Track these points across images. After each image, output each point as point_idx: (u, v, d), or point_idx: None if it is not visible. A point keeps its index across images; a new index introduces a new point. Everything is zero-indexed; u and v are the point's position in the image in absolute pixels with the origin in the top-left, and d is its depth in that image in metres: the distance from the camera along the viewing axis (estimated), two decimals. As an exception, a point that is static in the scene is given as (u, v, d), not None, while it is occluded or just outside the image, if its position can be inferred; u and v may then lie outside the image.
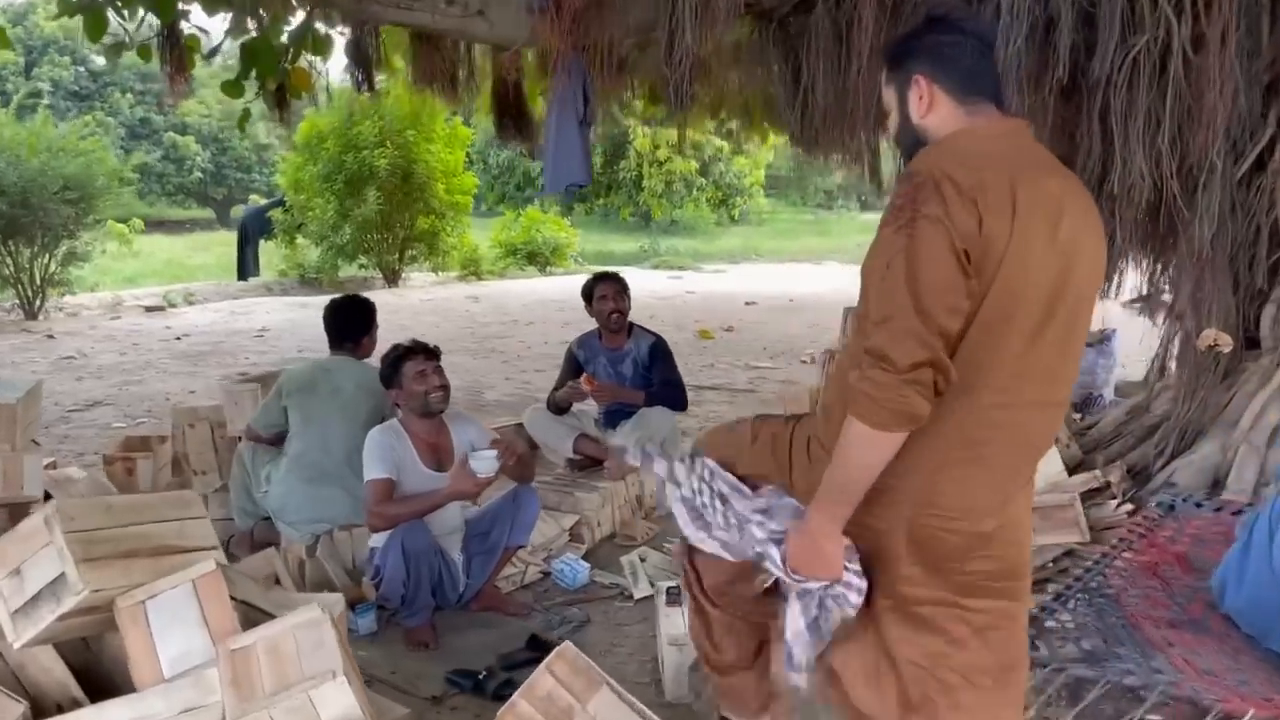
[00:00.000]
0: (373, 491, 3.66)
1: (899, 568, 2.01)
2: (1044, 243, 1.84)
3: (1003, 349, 1.86)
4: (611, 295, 4.96)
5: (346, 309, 4.50)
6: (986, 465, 1.96)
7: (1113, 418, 5.63)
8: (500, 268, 20.38)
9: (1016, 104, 3.89)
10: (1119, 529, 4.38)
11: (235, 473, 4.46)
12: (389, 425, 3.85)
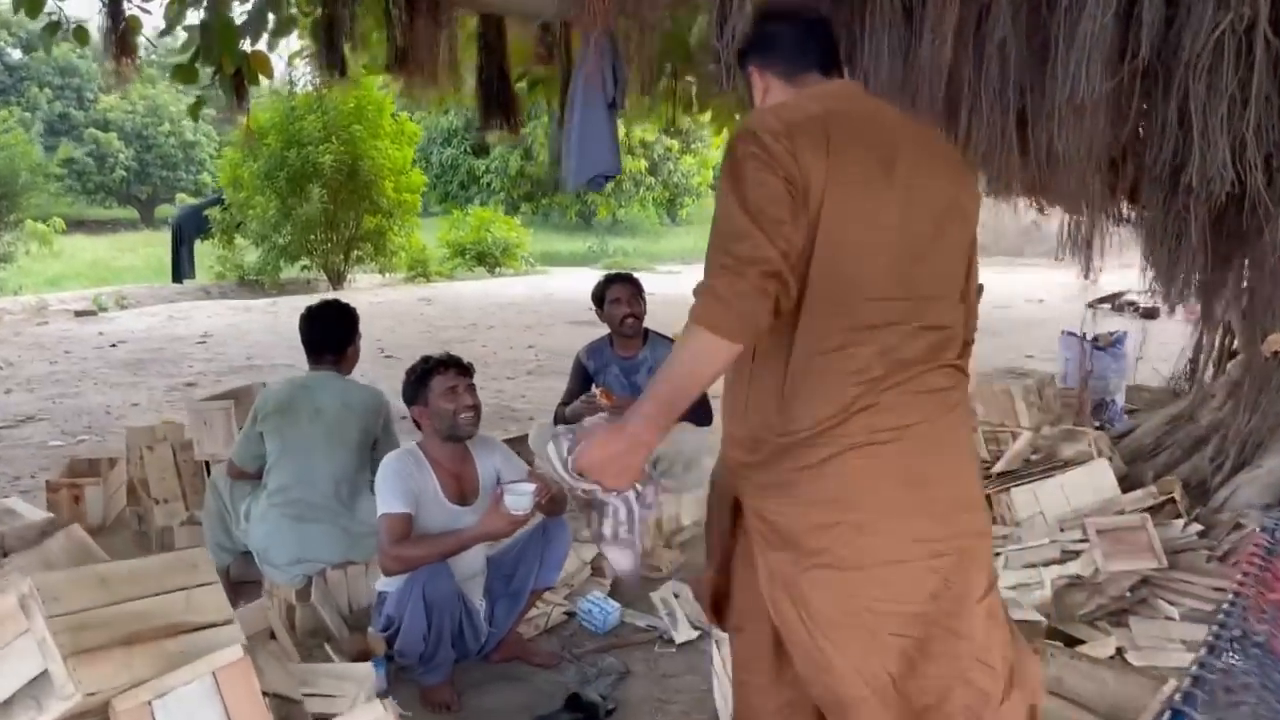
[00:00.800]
0: (388, 529, 3.13)
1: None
2: (868, 179, 1.90)
3: (840, 286, 1.88)
4: (625, 298, 4.49)
5: (326, 317, 3.95)
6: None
7: (1150, 427, 5.32)
8: (448, 269, 19.73)
9: (1090, 88, 3.49)
10: (1191, 551, 4.04)
11: (210, 504, 3.89)
12: (407, 451, 3.33)
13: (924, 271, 1.97)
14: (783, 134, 1.86)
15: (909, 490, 1.90)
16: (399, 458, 3.28)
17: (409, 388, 3.31)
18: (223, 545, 3.89)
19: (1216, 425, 4.89)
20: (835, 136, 1.88)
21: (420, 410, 3.29)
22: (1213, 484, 4.54)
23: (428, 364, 3.32)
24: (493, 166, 27.56)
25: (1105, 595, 3.83)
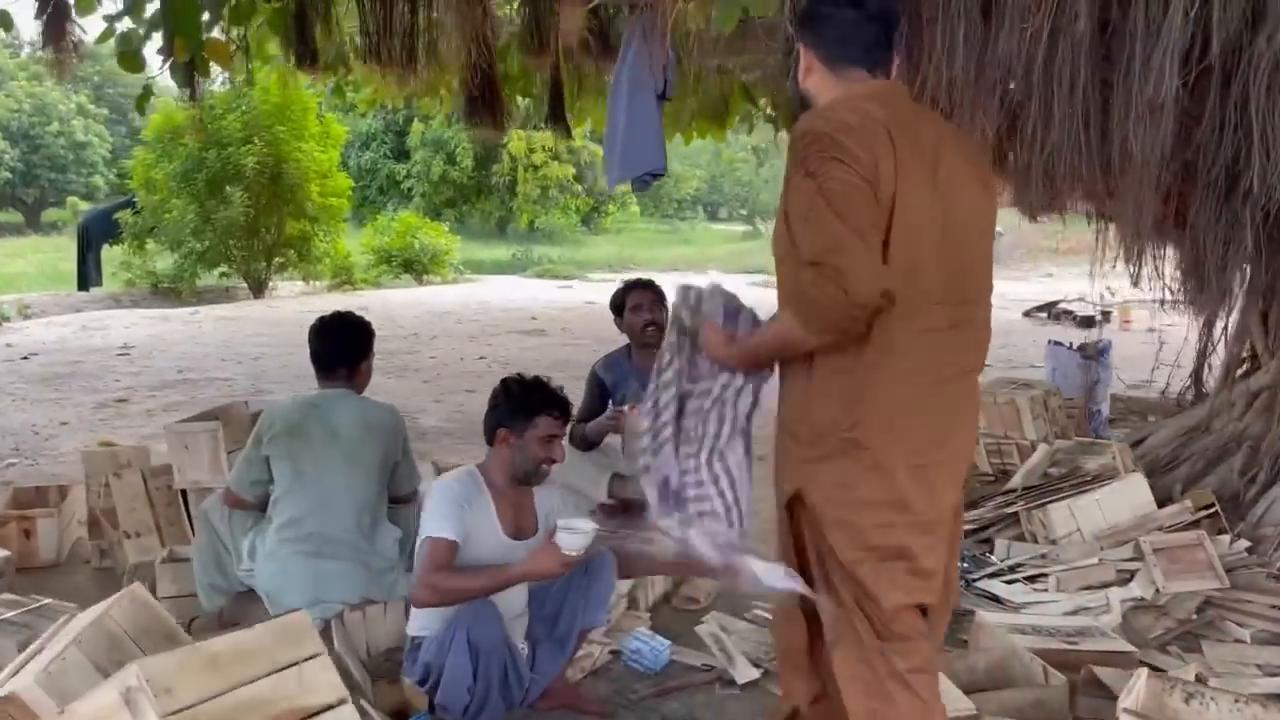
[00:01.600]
0: (430, 554, 2.76)
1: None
2: (923, 185, 1.99)
3: (908, 290, 1.97)
4: (648, 305, 4.17)
5: (339, 329, 3.57)
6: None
7: (1163, 438, 5.21)
8: (373, 276, 19.07)
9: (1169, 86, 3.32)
10: (1245, 568, 3.91)
11: (201, 539, 3.46)
12: (468, 473, 2.95)
13: (968, 277, 2.10)
14: (858, 137, 1.95)
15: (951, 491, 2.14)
16: (460, 480, 2.91)
17: (508, 408, 2.93)
18: (216, 585, 3.47)
19: (1238, 436, 4.80)
20: (899, 141, 1.98)
21: (508, 436, 2.92)
22: (1246, 497, 4.42)
23: (540, 396, 2.95)
24: (414, 171, 26.88)
25: (1172, 618, 3.67)
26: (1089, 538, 4.25)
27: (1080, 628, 3.24)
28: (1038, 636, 3.13)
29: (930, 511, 2.07)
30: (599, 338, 11.87)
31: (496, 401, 2.96)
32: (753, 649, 3.46)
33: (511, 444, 2.94)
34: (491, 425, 2.95)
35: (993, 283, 2.21)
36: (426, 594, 2.75)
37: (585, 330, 12.42)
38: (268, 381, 8.82)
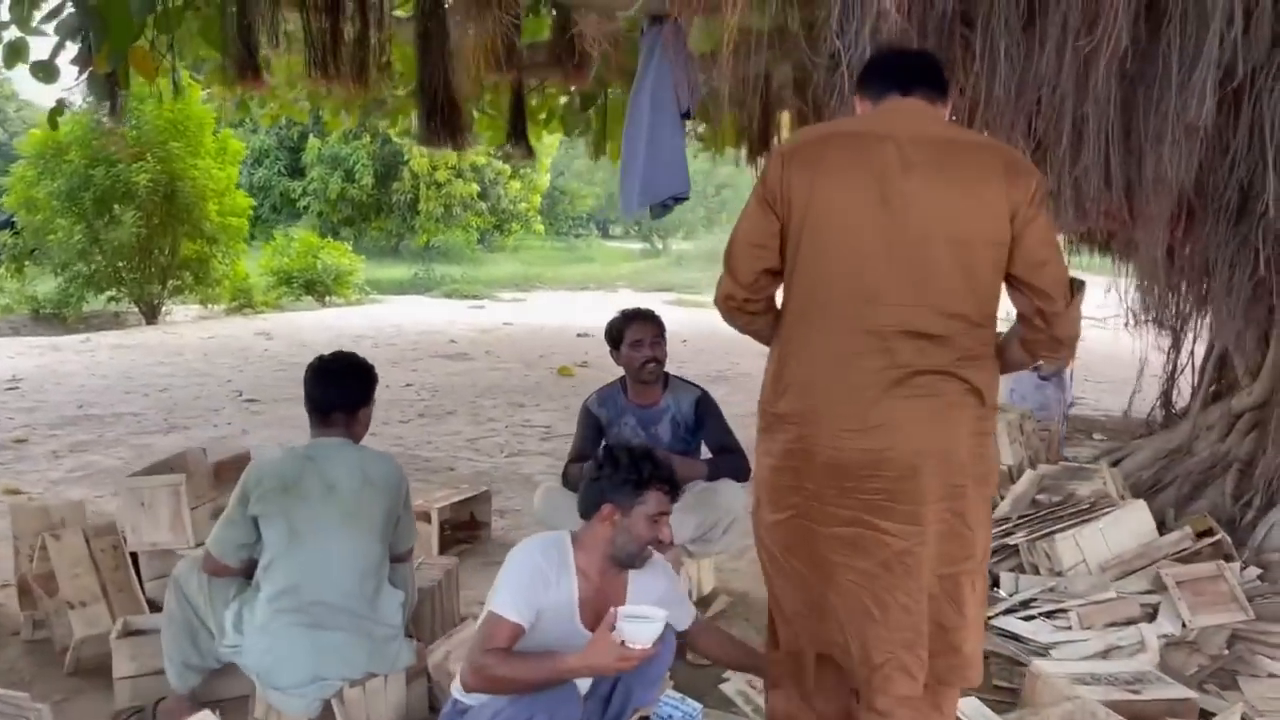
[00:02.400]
0: (491, 632, 2.43)
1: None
2: (858, 191, 2.20)
3: (824, 276, 2.25)
4: (649, 340, 3.89)
5: (340, 371, 3.17)
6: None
7: (1142, 459, 5.20)
8: (273, 298, 18.27)
9: (1205, 109, 3.23)
10: (1263, 598, 3.85)
11: (173, 611, 3.04)
12: (553, 543, 2.62)
13: (929, 284, 2.19)
14: (781, 153, 2.31)
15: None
16: (547, 553, 2.58)
17: (616, 480, 2.60)
18: (189, 663, 3.06)
19: (1223, 458, 4.79)
20: (833, 154, 2.25)
21: (614, 513, 2.61)
22: (1242, 521, 4.39)
23: (653, 468, 2.63)
24: (310, 189, 25.98)
25: (1204, 654, 3.57)
26: (1095, 568, 4.15)
27: (1137, 673, 3.10)
28: (1098, 686, 2.96)
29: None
30: (525, 361, 11.57)
31: (602, 472, 2.64)
32: (788, 708, 3.21)
33: (616, 522, 2.62)
34: (594, 499, 2.63)
35: (979, 290, 2.23)
36: (476, 679, 2.43)
37: (510, 353, 12.07)
38: (182, 416, 8.22)
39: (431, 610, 3.62)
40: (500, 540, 5.04)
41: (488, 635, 2.43)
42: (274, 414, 8.30)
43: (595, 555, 2.63)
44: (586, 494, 2.66)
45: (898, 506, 2.22)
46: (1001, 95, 3.13)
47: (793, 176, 2.22)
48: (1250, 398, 4.71)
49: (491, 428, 7.79)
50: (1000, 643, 3.73)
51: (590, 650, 2.39)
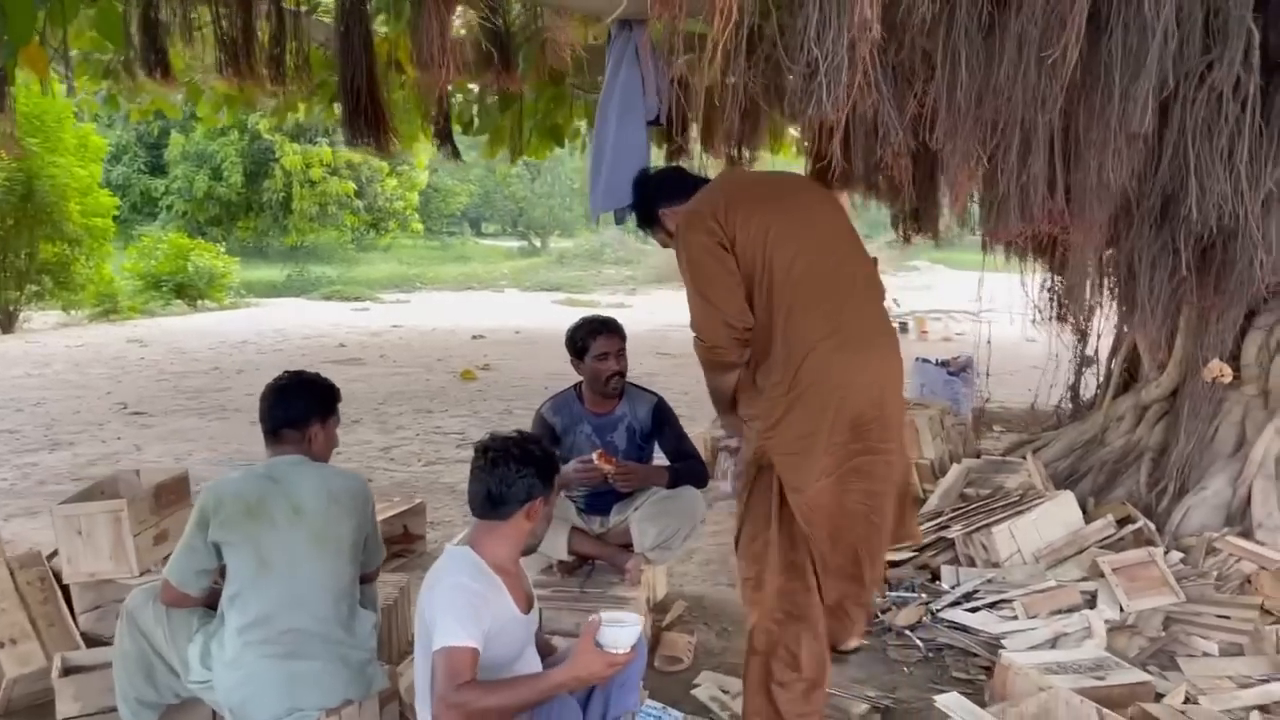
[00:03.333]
0: (450, 668, 2.32)
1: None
2: (752, 225, 2.72)
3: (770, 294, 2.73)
4: (614, 355, 3.83)
5: (286, 388, 3.02)
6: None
7: (1058, 450, 5.42)
8: (141, 303, 17.37)
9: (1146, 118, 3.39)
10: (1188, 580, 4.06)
11: (126, 646, 2.85)
12: (468, 561, 2.51)
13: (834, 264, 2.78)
14: (699, 207, 2.82)
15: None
16: (472, 574, 2.47)
17: (540, 476, 2.55)
18: (144, 700, 2.88)
19: (1135, 448, 5.04)
20: (733, 193, 2.83)
21: (541, 505, 2.55)
22: (1158, 509, 4.62)
23: (538, 447, 2.59)
24: (174, 187, 24.81)
25: (1144, 636, 3.75)
26: (1029, 558, 4.31)
27: (1097, 660, 3.23)
28: (1066, 675, 3.07)
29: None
30: (423, 365, 11.33)
31: (524, 471, 2.54)
32: (766, 711, 3.23)
33: (539, 511, 2.59)
34: (522, 495, 2.55)
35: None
36: (450, 716, 2.30)
37: (406, 358, 11.79)
38: (63, 431, 7.74)
39: (390, 629, 3.51)
40: (436, 552, 4.90)
41: (452, 672, 2.31)
42: (165, 427, 7.90)
43: (511, 549, 2.58)
44: (511, 496, 2.52)
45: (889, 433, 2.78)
46: (962, 103, 3.21)
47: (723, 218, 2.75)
48: (1159, 389, 4.97)
49: (402, 436, 7.59)
50: (952, 635, 3.85)
51: (577, 662, 2.37)
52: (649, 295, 21.87)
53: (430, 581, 2.53)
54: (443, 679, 2.32)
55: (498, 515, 2.56)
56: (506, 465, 2.53)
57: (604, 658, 2.35)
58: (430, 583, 2.52)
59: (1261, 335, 4.56)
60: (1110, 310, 5.49)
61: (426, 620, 2.42)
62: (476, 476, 2.57)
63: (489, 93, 6.55)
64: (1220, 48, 3.55)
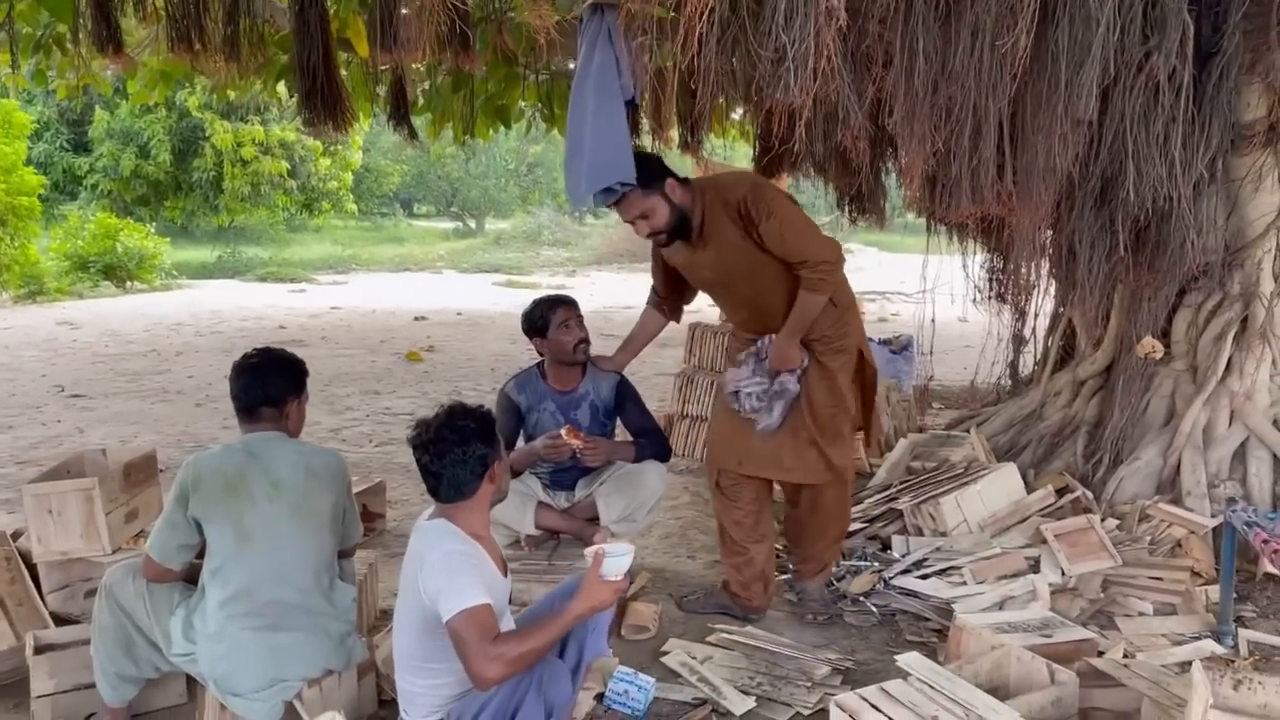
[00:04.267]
0: (480, 627, 2.39)
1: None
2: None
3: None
4: (575, 322, 3.92)
5: (260, 366, 3.03)
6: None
7: (998, 424, 5.62)
8: (68, 285, 16.90)
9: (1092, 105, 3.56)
10: (1123, 545, 4.27)
11: (106, 622, 2.87)
12: (449, 531, 2.59)
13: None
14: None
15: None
16: (458, 540, 2.56)
17: (488, 442, 2.62)
18: (124, 675, 2.91)
19: (1071, 421, 5.26)
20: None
21: (498, 469, 2.66)
22: (1094, 479, 4.84)
23: (477, 414, 2.67)
24: (98, 165, 24.08)
25: (1084, 598, 3.95)
26: (975, 527, 4.50)
27: (1044, 619, 3.40)
28: (1016, 634, 3.24)
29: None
30: (367, 347, 11.26)
31: (468, 449, 2.58)
32: (732, 675, 3.36)
33: (499, 473, 2.69)
34: (479, 469, 2.61)
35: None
36: (498, 668, 2.37)
37: (348, 340, 11.69)
38: (1, 415, 7.57)
39: (362, 604, 3.55)
40: (396, 531, 4.95)
41: (483, 629, 2.39)
42: (107, 409, 7.77)
43: (482, 515, 2.67)
44: (468, 469, 2.58)
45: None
46: (919, 89, 3.34)
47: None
48: (1094, 365, 5.19)
49: (352, 417, 7.57)
50: (905, 601, 4.02)
51: (587, 592, 2.51)
52: (589, 277, 21.91)
53: (417, 556, 2.58)
54: (476, 637, 2.39)
55: (465, 496, 2.63)
56: (452, 451, 2.58)
57: (610, 585, 2.53)
58: (418, 557, 2.58)
59: (1190, 313, 4.78)
60: (1048, 290, 5.72)
61: (424, 592, 2.48)
62: (428, 470, 2.61)
63: (438, 72, 6.55)
64: (1158, 37, 3.73)
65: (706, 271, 3.70)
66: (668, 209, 3.48)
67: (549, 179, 36.56)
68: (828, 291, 3.51)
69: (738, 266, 3.56)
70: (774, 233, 3.41)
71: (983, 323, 6.42)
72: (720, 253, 3.57)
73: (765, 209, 3.39)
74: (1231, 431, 4.63)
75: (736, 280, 3.66)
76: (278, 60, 5.73)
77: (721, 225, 3.51)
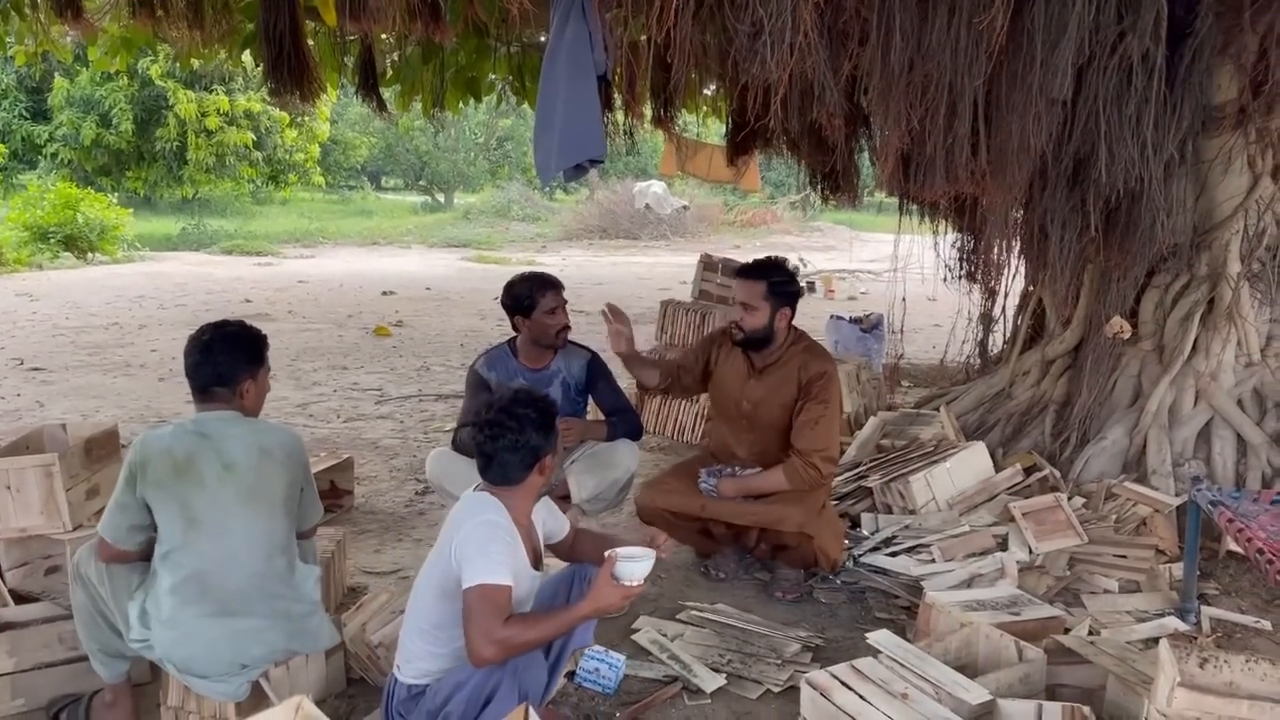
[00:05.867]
0: (493, 604, 2.40)
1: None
2: None
3: None
4: (563, 309, 3.88)
5: (211, 343, 2.91)
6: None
7: (968, 403, 5.66)
8: (27, 256, 16.56)
9: (1066, 85, 3.56)
10: (1089, 524, 4.32)
11: (79, 600, 2.81)
12: (495, 507, 2.58)
13: None
14: None
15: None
16: (501, 515, 2.56)
17: (543, 431, 2.61)
18: (110, 651, 2.84)
19: (1040, 400, 5.30)
20: None
21: (550, 461, 2.66)
22: (1061, 457, 4.89)
23: (541, 404, 2.66)
24: (58, 134, 23.58)
25: (1051, 575, 3.98)
26: (943, 505, 4.53)
27: (1012, 597, 3.43)
28: (984, 612, 3.26)
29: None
30: (334, 321, 11.13)
31: (525, 431, 2.59)
32: (703, 653, 3.36)
33: (550, 467, 2.70)
34: (530, 459, 2.61)
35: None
36: (495, 651, 2.38)
37: (315, 314, 11.55)
38: (-42, 387, 7.43)
39: (328, 583, 3.52)
40: (365, 508, 4.91)
41: (496, 606, 2.39)
42: (67, 383, 7.63)
43: (527, 503, 2.69)
44: (519, 459, 2.59)
45: None
46: (895, 67, 3.31)
47: None
48: (1063, 345, 5.23)
49: (319, 392, 7.49)
50: (874, 578, 4.03)
51: (597, 594, 2.51)
52: (559, 253, 21.78)
53: (456, 521, 2.60)
54: (486, 615, 2.39)
55: (511, 483, 2.64)
56: (506, 436, 2.59)
57: (620, 590, 2.52)
58: (457, 522, 2.59)
59: (1158, 294, 4.83)
60: (1018, 269, 5.74)
61: (454, 555, 2.49)
62: (480, 448, 2.63)
63: (407, 44, 6.45)
64: (1132, 17, 3.73)
65: (745, 401, 3.93)
66: (767, 322, 3.77)
67: (519, 153, 36.22)
68: (795, 485, 3.74)
69: (773, 416, 3.84)
70: (813, 413, 3.74)
71: (952, 301, 6.45)
72: (768, 394, 3.86)
73: (825, 394, 3.75)
74: (1196, 411, 4.69)
75: (762, 425, 3.89)
76: (243, 28, 5.62)
77: (788, 376, 3.85)
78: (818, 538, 3.79)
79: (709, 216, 27.08)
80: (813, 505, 3.82)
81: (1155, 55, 3.95)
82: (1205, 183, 4.54)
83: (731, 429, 4.02)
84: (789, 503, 3.77)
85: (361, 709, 2.97)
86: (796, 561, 3.91)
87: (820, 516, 3.85)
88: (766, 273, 3.81)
